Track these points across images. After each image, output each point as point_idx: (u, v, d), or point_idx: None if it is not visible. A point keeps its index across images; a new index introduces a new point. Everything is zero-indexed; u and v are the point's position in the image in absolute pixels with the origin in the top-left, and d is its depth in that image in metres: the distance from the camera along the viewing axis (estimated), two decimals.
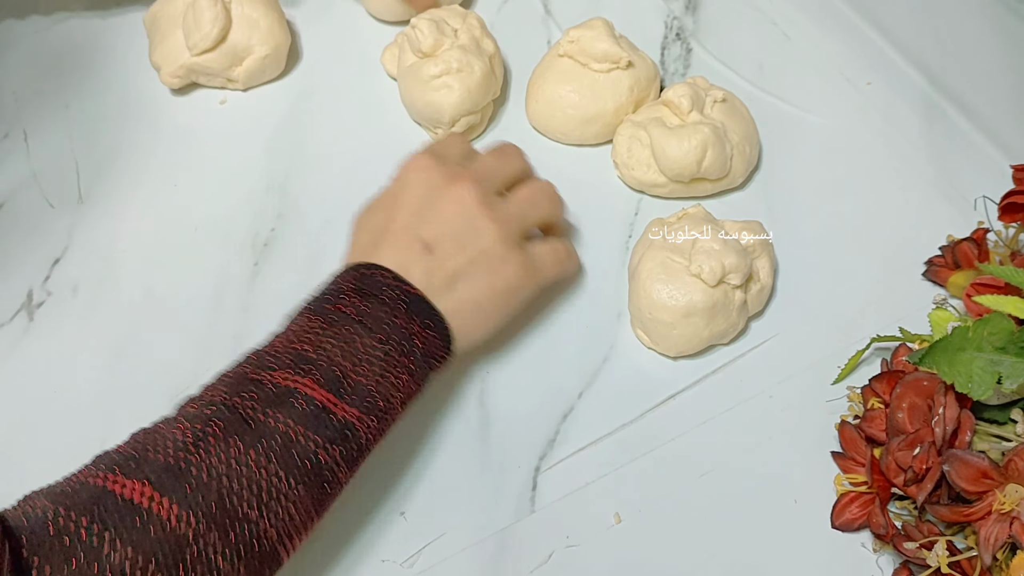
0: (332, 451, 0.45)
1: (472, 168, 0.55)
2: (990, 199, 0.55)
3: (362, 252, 0.53)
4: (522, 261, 0.53)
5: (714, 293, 0.54)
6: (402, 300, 0.49)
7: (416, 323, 0.49)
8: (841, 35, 0.70)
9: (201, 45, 0.66)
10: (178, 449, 0.42)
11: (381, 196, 0.55)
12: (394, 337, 0.48)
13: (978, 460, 0.44)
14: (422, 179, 0.53)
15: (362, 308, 0.48)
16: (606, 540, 0.51)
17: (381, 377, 0.47)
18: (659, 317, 0.55)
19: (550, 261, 0.56)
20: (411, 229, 0.52)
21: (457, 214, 0.52)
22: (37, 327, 0.60)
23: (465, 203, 0.52)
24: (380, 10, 0.72)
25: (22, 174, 0.67)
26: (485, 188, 0.53)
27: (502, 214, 0.53)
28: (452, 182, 0.53)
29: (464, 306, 0.51)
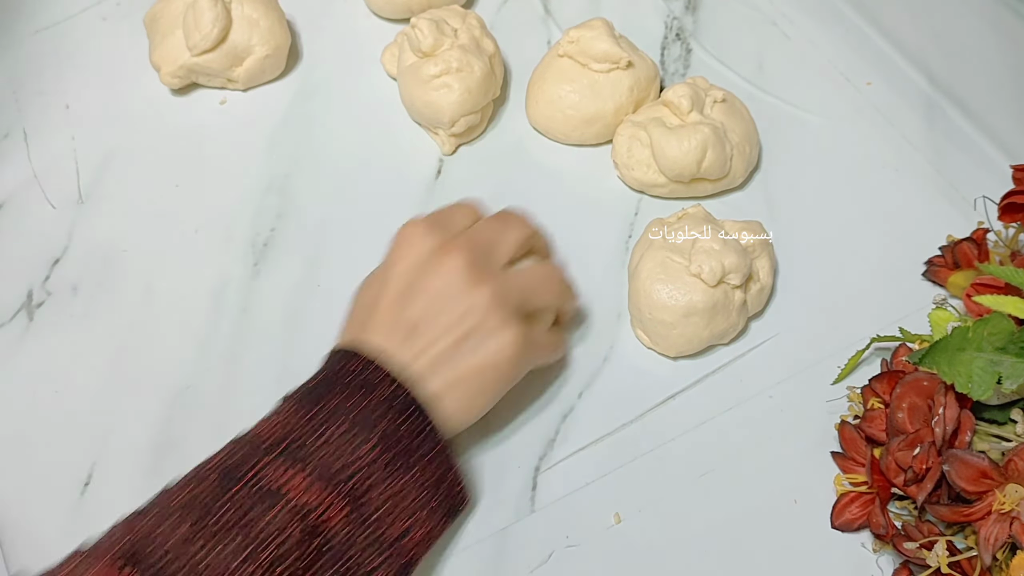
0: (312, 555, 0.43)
1: (467, 236, 0.51)
2: (990, 199, 0.55)
3: (353, 331, 0.51)
4: (516, 335, 0.49)
5: (714, 293, 0.54)
6: (392, 400, 0.47)
7: (405, 424, 0.47)
8: (841, 35, 0.70)
9: (201, 45, 0.66)
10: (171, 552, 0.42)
11: (378, 268, 0.53)
12: (385, 438, 0.46)
13: (978, 460, 0.44)
14: (413, 251, 0.50)
15: (352, 406, 0.47)
16: (606, 540, 0.51)
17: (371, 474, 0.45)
18: (659, 317, 0.55)
19: (546, 342, 0.53)
20: (398, 308, 0.49)
21: (445, 289, 0.49)
22: (37, 327, 0.60)
23: (455, 276, 0.49)
24: (381, 6, 0.72)
25: (22, 174, 0.67)
26: (479, 258, 0.50)
27: (499, 285, 0.50)
28: (443, 254, 0.50)
29: (452, 388, 0.48)
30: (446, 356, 0.48)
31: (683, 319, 0.54)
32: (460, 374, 0.49)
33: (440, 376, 0.48)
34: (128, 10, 0.74)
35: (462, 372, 0.49)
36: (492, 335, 0.49)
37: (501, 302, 0.49)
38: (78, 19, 0.75)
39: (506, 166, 0.65)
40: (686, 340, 0.55)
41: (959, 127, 0.65)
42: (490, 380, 0.49)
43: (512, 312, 0.50)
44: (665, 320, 0.55)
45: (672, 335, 0.55)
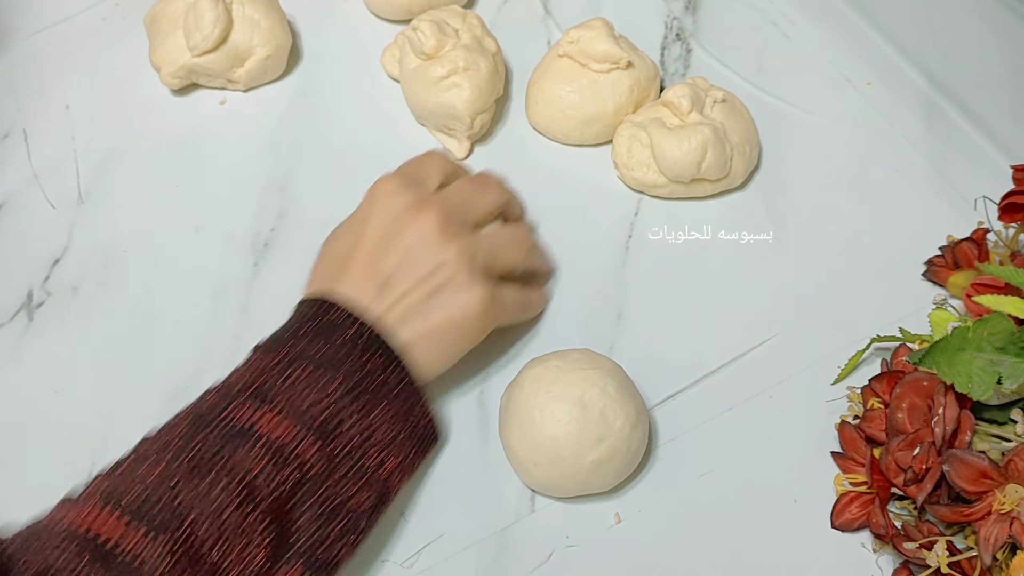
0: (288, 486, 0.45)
1: (442, 196, 0.53)
2: (990, 199, 0.55)
3: (322, 282, 0.52)
4: (483, 293, 0.51)
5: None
6: (356, 338, 0.49)
7: (371, 360, 0.48)
8: (841, 35, 0.70)
9: (202, 46, 0.66)
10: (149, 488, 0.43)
11: (348, 221, 0.54)
12: (351, 375, 0.48)
13: (978, 460, 0.44)
14: (388, 207, 0.52)
15: (318, 348, 0.48)
16: (606, 540, 0.51)
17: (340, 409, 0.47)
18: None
19: (515, 301, 0.55)
20: (371, 261, 0.51)
21: (419, 244, 0.51)
22: (37, 327, 0.60)
23: (428, 233, 0.51)
24: (381, 7, 0.72)
25: (22, 174, 0.67)
26: (453, 217, 0.52)
27: (469, 245, 0.52)
28: (418, 211, 0.51)
29: (421, 339, 0.50)
30: (416, 308, 0.50)
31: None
32: (429, 326, 0.50)
33: (409, 327, 0.50)
34: (128, 10, 0.74)
35: (431, 324, 0.50)
36: (461, 291, 0.51)
37: (470, 260, 0.51)
38: (78, 19, 0.75)
39: (506, 166, 0.65)
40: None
41: (959, 127, 0.65)
42: (457, 334, 0.51)
43: (480, 270, 0.52)
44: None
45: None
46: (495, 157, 0.66)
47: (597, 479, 0.50)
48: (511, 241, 0.55)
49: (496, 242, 0.54)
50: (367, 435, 0.47)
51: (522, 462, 0.51)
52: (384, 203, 0.52)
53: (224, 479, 0.44)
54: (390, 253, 0.51)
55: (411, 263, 0.51)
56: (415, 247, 0.51)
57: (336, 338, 0.49)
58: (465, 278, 0.51)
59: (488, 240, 0.53)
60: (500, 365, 0.57)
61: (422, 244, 0.51)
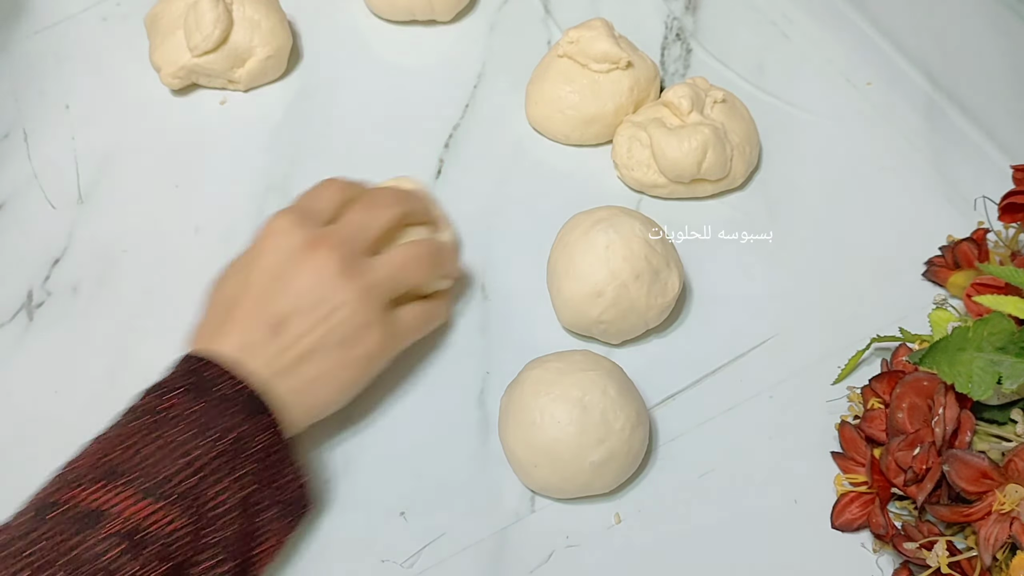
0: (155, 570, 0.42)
1: (336, 229, 0.51)
2: (990, 199, 0.55)
3: (207, 333, 0.49)
4: (383, 329, 0.50)
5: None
6: (233, 397, 0.46)
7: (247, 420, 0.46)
8: (841, 35, 0.70)
9: (203, 46, 0.66)
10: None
11: (237, 261, 0.52)
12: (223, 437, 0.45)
13: (978, 460, 0.44)
14: (279, 246, 0.50)
15: (188, 408, 0.45)
16: (606, 540, 0.51)
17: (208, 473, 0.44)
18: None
19: (413, 324, 0.54)
20: (261, 306, 0.49)
21: (313, 286, 0.49)
22: (37, 327, 0.60)
23: (323, 273, 0.49)
24: (381, 7, 0.72)
25: (22, 174, 0.67)
26: (348, 251, 0.50)
27: (367, 280, 0.50)
28: (311, 250, 0.49)
29: (313, 384, 0.49)
30: (310, 353, 0.49)
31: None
32: (321, 370, 0.49)
33: (301, 373, 0.48)
34: (128, 10, 0.74)
35: (325, 366, 0.49)
36: (359, 331, 0.49)
37: (368, 297, 0.50)
38: (78, 19, 0.75)
39: (506, 166, 0.65)
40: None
41: (959, 127, 0.65)
42: (356, 372, 0.51)
43: (379, 304, 0.50)
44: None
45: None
46: (495, 157, 0.66)
47: (597, 480, 0.50)
48: (411, 263, 0.53)
49: (395, 268, 0.52)
50: (232, 504, 0.45)
51: (522, 463, 0.51)
52: (275, 241, 0.50)
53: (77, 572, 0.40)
54: (283, 294, 0.49)
55: (305, 304, 0.48)
56: (310, 288, 0.49)
57: (209, 397, 0.46)
58: (363, 317, 0.49)
59: (386, 268, 0.51)
60: (500, 365, 0.57)
61: (317, 284, 0.49)
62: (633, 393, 0.52)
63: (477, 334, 0.58)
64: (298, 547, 0.52)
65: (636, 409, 0.51)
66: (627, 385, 0.52)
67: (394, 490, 0.53)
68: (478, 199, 0.64)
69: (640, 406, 0.52)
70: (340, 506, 0.53)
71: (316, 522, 0.52)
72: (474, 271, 0.61)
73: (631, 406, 0.50)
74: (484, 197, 0.64)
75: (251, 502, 0.46)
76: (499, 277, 0.61)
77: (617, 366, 0.53)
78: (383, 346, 0.51)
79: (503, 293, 0.60)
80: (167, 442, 0.44)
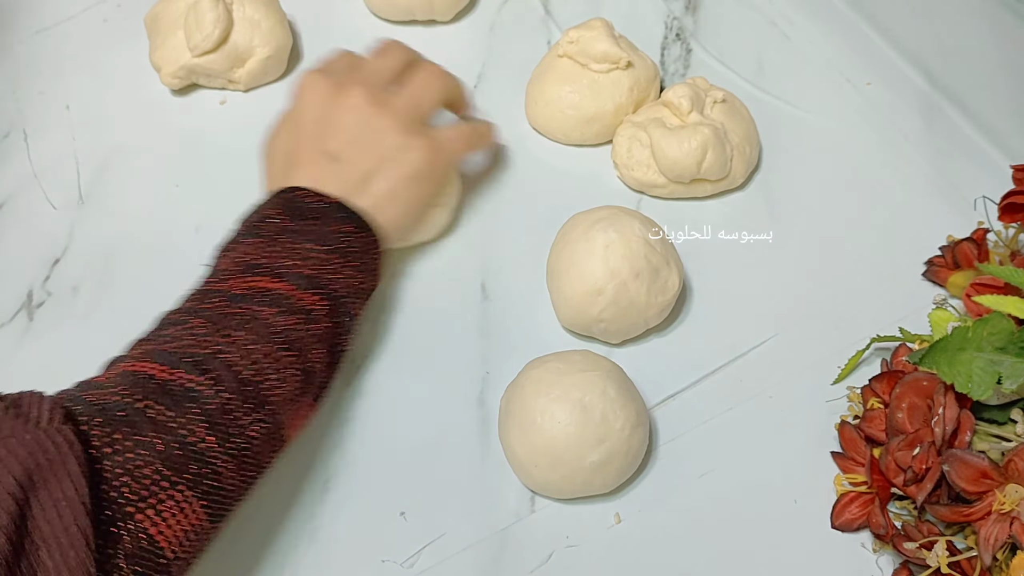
0: (302, 327, 0.49)
1: (359, 74, 0.58)
2: (990, 199, 0.55)
3: (278, 179, 0.57)
4: (425, 144, 0.56)
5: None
6: (325, 211, 0.53)
7: (344, 226, 0.53)
8: (841, 35, 0.70)
9: (203, 46, 0.66)
10: (197, 342, 0.47)
11: (282, 121, 0.59)
12: (330, 241, 0.52)
13: (978, 460, 0.44)
14: (315, 97, 0.57)
15: (295, 225, 0.52)
16: (606, 540, 0.51)
17: (330, 271, 0.51)
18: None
19: (456, 140, 0.60)
20: (316, 146, 0.56)
21: (354, 120, 0.56)
22: (37, 327, 0.60)
23: (359, 108, 0.56)
24: (381, 7, 0.72)
25: (22, 174, 0.67)
26: (375, 88, 0.57)
27: (396, 107, 0.57)
28: (343, 92, 0.56)
29: (382, 200, 0.55)
30: (371, 175, 0.55)
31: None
32: (387, 188, 0.56)
33: (368, 193, 0.55)
34: (128, 11, 0.74)
35: (388, 186, 0.56)
36: (405, 149, 0.56)
37: (402, 118, 0.57)
38: (78, 19, 0.75)
39: (506, 166, 0.65)
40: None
41: (959, 127, 0.65)
42: (414, 188, 0.57)
43: (414, 123, 0.57)
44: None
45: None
46: (495, 158, 0.66)
47: (597, 480, 0.50)
48: (428, 79, 0.59)
49: (417, 86, 0.58)
50: (348, 288, 0.52)
51: (522, 463, 0.51)
52: (311, 94, 0.57)
53: (246, 325, 0.48)
54: (332, 134, 0.56)
55: (352, 137, 0.56)
56: (353, 123, 0.56)
57: (307, 214, 0.53)
58: (403, 137, 0.56)
59: (407, 92, 0.58)
60: (500, 365, 0.57)
61: (357, 118, 0.56)
62: (633, 393, 0.52)
63: (477, 334, 0.58)
64: (298, 547, 0.52)
65: (636, 409, 0.51)
66: (627, 385, 0.52)
67: (394, 490, 0.53)
68: (478, 199, 0.64)
69: (640, 406, 0.52)
70: (340, 506, 0.53)
71: (316, 522, 0.52)
72: (474, 271, 0.61)
73: (631, 406, 0.50)
74: (484, 197, 0.64)
75: (356, 286, 0.53)
76: (499, 277, 0.61)
77: (617, 366, 0.53)
78: (430, 161, 0.57)
79: (503, 293, 0.60)
80: (290, 247, 0.52)
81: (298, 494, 0.53)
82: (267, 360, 0.47)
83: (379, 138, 0.56)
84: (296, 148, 0.57)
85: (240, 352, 0.47)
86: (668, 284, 0.55)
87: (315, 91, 0.57)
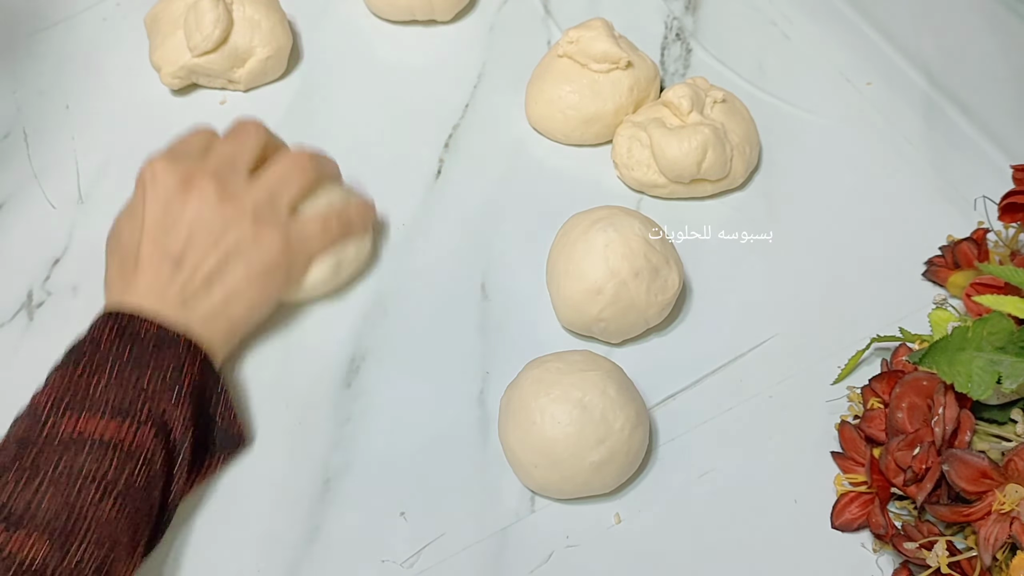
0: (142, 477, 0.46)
1: (210, 162, 0.54)
2: (990, 199, 0.55)
3: (117, 289, 0.53)
4: (277, 237, 0.53)
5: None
6: (155, 337, 0.50)
7: (174, 355, 0.50)
8: (841, 35, 0.70)
9: (203, 47, 0.66)
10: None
11: (124, 213, 0.55)
12: (159, 371, 0.49)
13: (978, 460, 0.44)
14: (160, 188, 0.53)
15: (119, 354, 0.49)
16: (606, 540, 0.51)
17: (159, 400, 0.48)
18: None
19: (317, 231, 0.56)
20: (158, 247, 0.52)
21: (200, 215, 0.52)
22: (37, 327, 0.60)
23: (206, 201, 0.52)
24: (381, 7, 0.72)
25: (22, 174, 0.67)
26: (226, 178, 0.53)
27: (250, 199, 0.53)
28: (189, 184, 0.52)
29: (223, 306, 0.52)
30: (215, 275, 0.52)
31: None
32: (231, 288, 0.52)
33: (212, 295, 0.52)
34: (128, 10, 0.74)
35: (233, 284, 0.52)
36: (255, 244, 0.53)
37: (253, 212, 0.53)
38: (78, 19, 0.75)
39: (506, 166, 0.65)
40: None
41: (959, 127, 0.65)
42: (263, 283, 0.53)
43: (267, 216, 0.53)
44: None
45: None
46: (495, 157, 0.66)
47: (597, 480, 0.50)
48: (289, 170, 0.55)
49: (274, 177, 0.55)
50: (188, 425, 0.49)
51: (522, 463, 0.51)
52: (155, 185, 0.53)
53: (77, 482, 0.44)
54: (174, 232, 0.52)
55: (198, 233, 0.52)
56: (198, 217, 0.52)
57: (135, 341, 0.49)
58: (251, 232, 0.52)
59: (264, 182, 0.54)
60: (500, 365, 0.57)
61: (202, 214, 0.52)
62: (633, 393, 0.52)
63: (477, 334, 0.58)
64: (298, 547, 0.52)
65: (636, 409, 0.51)
66: (627, 385, 0.52)
67: (394, 490, 0.53)
68: (478, 199, 0.64)
69: (640, 406, 0.52)
70: (340, 506, 0.53)
71: (316, 522, 0.52)
72: (474, 271, 0.61)
73: (631, 406, 0.50)
74: (484, 197, 0.64)
75: (200, 430, 0.50)
76: (499, 277, 0.61)
77: (617, 366, 0.53)
78: (282, 253, 0.54)
79: (503, 293, 0.60)
80: (115, 380, 0.48)
81: (298, 494, 0.53)
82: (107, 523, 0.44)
83: (227, 233, 0.52)
84: (137, 248, 0.53)
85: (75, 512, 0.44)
86: (668, 283, 0.55)
87: (160, 184, 0.53)
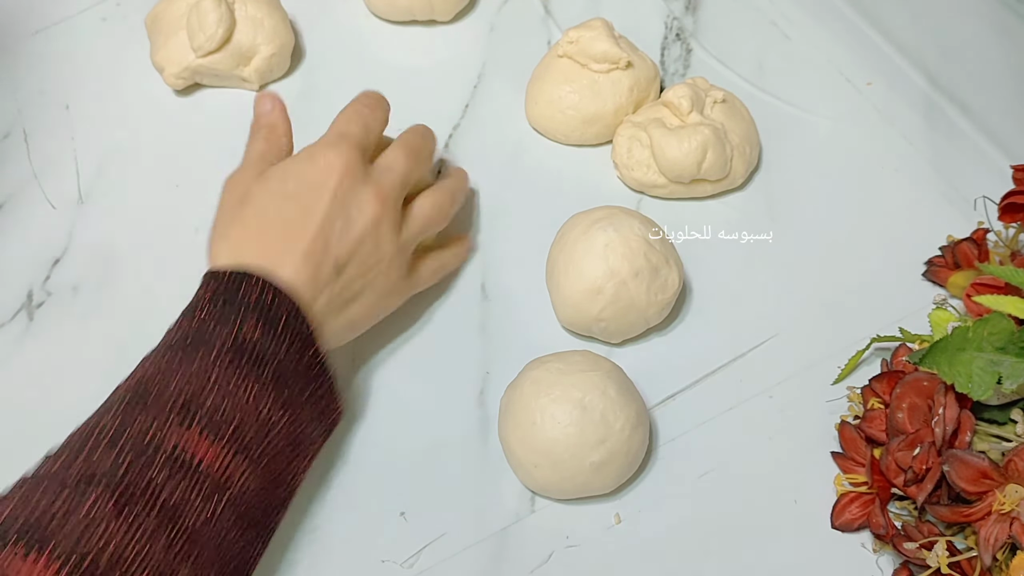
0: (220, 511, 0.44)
1: (386, 180, 0.53)
2: (990, 199, 0.55)
3: (270, 253, 0.50)
4: (408, 280, 0.55)
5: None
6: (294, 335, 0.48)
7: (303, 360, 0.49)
8: (841, 35, 0.70)
9: (207, 46, 0.66)
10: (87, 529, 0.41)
11: (290, 172, 0.52)
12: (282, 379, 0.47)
13: (978, 460, 0.44)
14: (343, 184, 0.51)
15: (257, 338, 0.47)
16: (606, 540, 0.51)
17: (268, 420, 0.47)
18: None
19: (430, 274, 0.58)
20: (328, 244, 0.50)
21: (368, 234, 0.51)
22: (37, 327, 0.60)
23: (381, 225, 0.52)
24: (381, 8, 0.72)
25: (22, 174, 0.67)
26: (394, 205, 0.53)
27: (405, 236, 0.54)
28: (377, 200, 0.52)
29: (351, 324, 0.53)
30: (355, 298, 0.52)
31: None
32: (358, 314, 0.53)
33: (346, 315, 0.52)
34: (128, 11, 0.74)
35: (360, 312, 0.53)
36: (394, 282, 0.54)
37: (402, 245, 0.54)
38: (78, 19, 0.75)
39: (506, 166, 0.65)
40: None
41: (959, 127, 0.65)
42: (372, 319, 0.55)
43: (408, 257, 0.55)
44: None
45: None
46: (495, 157, 0.66)
47: (597, 481, 0.50)
48: (437, 214, 0.57)
49: (425, 220, 0.56)
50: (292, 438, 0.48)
51: (522, 463, 0.51)
52: (343, 176, 0.51)
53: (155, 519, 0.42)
54: (345, 238, 0.51)
55: (363, 252, 0.52)
56: (365, 235, 0.51)
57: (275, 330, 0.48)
58: (398, 270, 0.54)
59: (419, 222, 0.55)
60: (500, 365, 0.57)
61: (371, 234, 0.52)
62: (633, 393, 0.52)
63: (477, 334, 0.58)
64: (298, 547, 0.52)
65: (636, 409, 0.51)
66: (627, 385, 0.52)
67: (394, 490, 0.53)
68: (478, 199, 0.64)
69: (640, 406, 0.52)
70: (340, 506, 0.53)
71: (316, 522, 0.52)
72: (474, 271, 0.61)
73: (631, 407, 0.50)
74: (484, 197, 0.64)
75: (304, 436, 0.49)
76: (499, 277, 0.61)
77: (617, 366, 0.53)
78: (404, 294, 0.56)
79: (503, 293, 0.60)
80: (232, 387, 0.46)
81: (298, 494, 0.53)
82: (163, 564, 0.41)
83: (379, 264, 0.52)
84: (301, 229, 0.50)
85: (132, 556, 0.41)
86: (668, 283, 0.55)
87: (348, 177, 0.51)
